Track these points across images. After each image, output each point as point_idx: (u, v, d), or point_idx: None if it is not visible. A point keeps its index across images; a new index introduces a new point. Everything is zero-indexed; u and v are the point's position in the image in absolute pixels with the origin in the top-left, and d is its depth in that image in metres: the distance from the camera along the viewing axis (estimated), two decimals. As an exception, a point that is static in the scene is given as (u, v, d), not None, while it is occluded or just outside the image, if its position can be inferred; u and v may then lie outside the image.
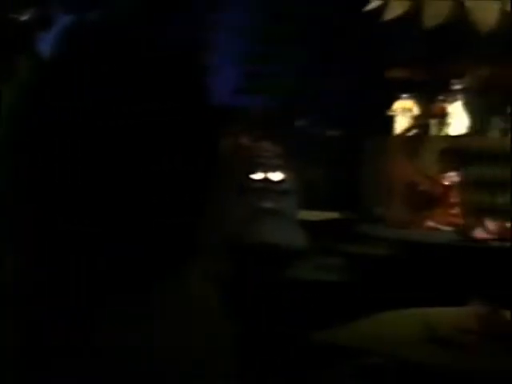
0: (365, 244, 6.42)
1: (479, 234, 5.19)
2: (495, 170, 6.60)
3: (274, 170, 5.30)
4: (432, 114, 6.99)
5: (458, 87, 7.02)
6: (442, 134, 7.00)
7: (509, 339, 3.34)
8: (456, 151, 6.35)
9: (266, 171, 5.27)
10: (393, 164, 7.00)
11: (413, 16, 7.56)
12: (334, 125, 8.97)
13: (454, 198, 6.22)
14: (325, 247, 6.00)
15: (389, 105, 7.55)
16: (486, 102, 7.14)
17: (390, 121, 7.70)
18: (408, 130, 7.05)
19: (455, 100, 6.99)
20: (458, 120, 6.98)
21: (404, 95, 7.32)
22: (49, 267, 0.90)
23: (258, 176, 5.26)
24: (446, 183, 6.19)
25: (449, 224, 6.08)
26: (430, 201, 6.13)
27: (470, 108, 6.98)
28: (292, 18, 9.40)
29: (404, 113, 7.28)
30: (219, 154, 1.12)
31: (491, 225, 5.30)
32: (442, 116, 6.97)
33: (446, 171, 6.24)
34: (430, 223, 6.12)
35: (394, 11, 7.74)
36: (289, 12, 9.42)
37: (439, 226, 6.08)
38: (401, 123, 7.36)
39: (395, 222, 6.63)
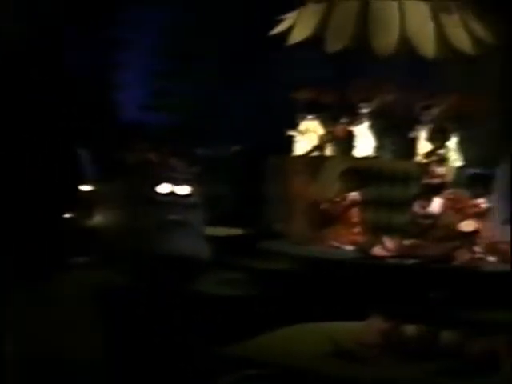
0: (267, 259, 6.57)
1: (378, 251, 5.36)
2: (393, 190, 6.86)
3: (180, 183, 5.38)
4: (335, 135, 7.17)
5: (364, 111, 7.24)
6: (346, 155, 7.19)
7: (410, 352, 3.49)
8: (356, 172, 6.53)
9: (173, 185, 5.34)
10: (295, 183, 7.16)
11: (317, 40, 7.86)
12: (237, 142, 9.13)
13: (354, 217, 6.39)
14: (228, 262, 6.11)
15: (293, 125, 7.77)
16: (387, 125, 7.39)
17: (292, 140, 7.91)
18: (312, 150, 7.22)
19: (361, 123, 7.20)
20: (362, 142, 7.18)
21: (309, 116, 7.48)
22: None
23: (165, 189, 5.32)
24: (347, 203, 6.35)
25: (350, 242, 6.22)
26: (331, 220, 6.29)
27: (374, 131, 7.21)
28: (198, 37, 9.51)
29: (308, 133, 7.45)
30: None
31: (389, 242, 5.49)
32: (346, 138, 7.17)
33: (347, 191, 6.41)
34: (332, 241, 6.27)
35: (299, 35, 7.99)
36: (194, 32, 9.53)
37: (340, 245, 6.23)
38: (305, 143, 7.53)
39: (298, 238, 6.80)
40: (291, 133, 7.73)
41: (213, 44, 9.42)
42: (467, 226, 5.59)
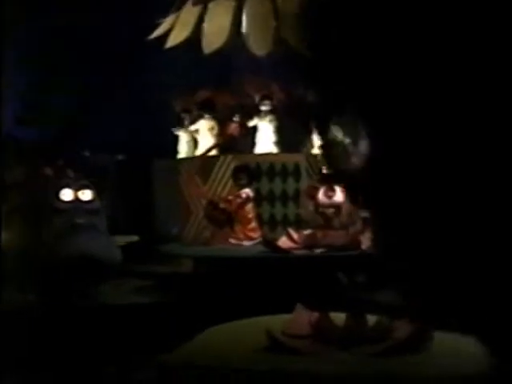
0: (170, 264, 6.52)
1: (285, 243, 5.38)
2: (285, 183, 6.95)
3: (82, 189, 5.27)
4: (229, 133, 7.18)
5: (264, 108, 7.29)
6: (242, 153, 7.26)
7: (340, 340, 3.50)
8: (245, 168, 6.57)
9: (75, 190, 5.23)
10: (188, 184, 7.13)
11: (194, 43, 7.84)
12: (119, 150, 8.98)
13: (249, 213, 6.45)
14: (131, 270, 6.01)
15: (178, 125, 7.73)
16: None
17: (176, 141, 7.88)
18: (208, 149, 7.21)
19: (262, 119, 7.27)
20: (263, 138, 7.28)
21: (207, 115, 7.45)
22: None
23: (68, 196, 5.20)
24: (241, 200, 6.38)
25: (247, 238, 6.33)
26: (228, 218, 6.29)
27: (274, 127, 7.31)
28: (69, 49, 9.31)
29: (206, 132, 7.43)
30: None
31: (294, 234, 5.52)
32: (240, 135, 7.20)
33: (240, 188, 6.44)
34: (232, 240, 6.31)
35: (176, 38, 7.95)
36: (67, 43, 9.32)
37: (240, 242, 6.29)
38: (203, 142, 7.54)
39: (196, 240, 6.79)
40: (178, 132, 7.70)
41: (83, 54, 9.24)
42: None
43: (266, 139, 7.27)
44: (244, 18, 7.73)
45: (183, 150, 7.75)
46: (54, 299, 4.92)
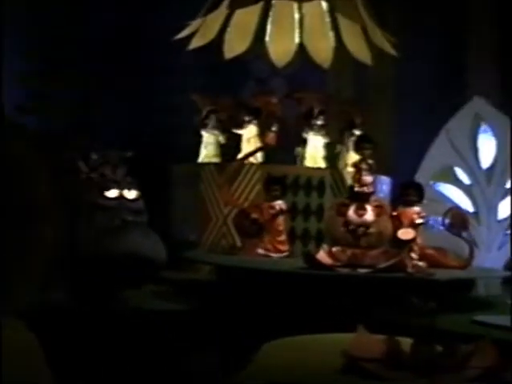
0: (195, 271, 6.38)
1: (324, 259, 5.26)
2: (310, 198, 6.86)
3: (128, 187, 5.14)
4: (267, 142, 7.07)
5: (320, 122, 7.20)
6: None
7: (416, 368, 3.38)
8: (279, 180, 6.46)
9: (121, 188, 5.09)
10: (209, 190, 7.01)
11: (215, 47, 7.76)
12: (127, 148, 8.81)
13: (280, 225, 6.32)
14: (154, 275, 5.86)
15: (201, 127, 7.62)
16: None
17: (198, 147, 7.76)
18: (246, 156, 7.08)
19: (316, 133, 7.18)
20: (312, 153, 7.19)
21: (254, 121, 7.32)
22: None
23: (113, 194, 5.05)
24: (274, 211, 6.27)
25: (276, 251, 6.21)
26: (259, 229, 6.18)
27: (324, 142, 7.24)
28: (75, 41, 9.14)
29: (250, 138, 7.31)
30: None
31: (334, 250, 5.40)
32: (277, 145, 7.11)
33: (272, 200, 6.32)
34: (260, 250, 6.18)
35: (200, 41, 7.86)
36: (72, 35, 9.15)
37: (268, 253, 6.18)
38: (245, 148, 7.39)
39: (216, 248, 6.66)
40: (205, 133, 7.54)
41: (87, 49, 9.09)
42: (406, 234, 5.61)
43: (316, 153, 7.19)
44: (268, 25, 7.69)
45: (207, 154, 7.61)
46: (89, 299, 4.74)
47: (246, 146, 7.24)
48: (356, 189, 6.11)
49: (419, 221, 5.80)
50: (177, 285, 5.81)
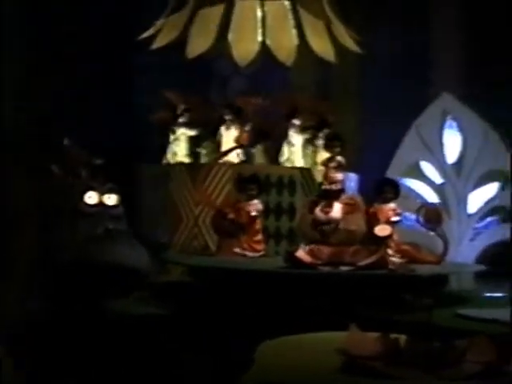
0: (167, 272, 6.33)
1: (305, 257, 5.25)
2: (282, 197, 6.88)
3: (109, 192, 5.06)
4: (241, 141, 7.04)
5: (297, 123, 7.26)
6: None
7: (410, 364, 3.40)
8: (255, 180, 6.45)
9: (101, 194, 5.02)
10: (180, 190, 6.97)
11: (179, 46, 7.73)
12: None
13: (257, 224, 6.31)
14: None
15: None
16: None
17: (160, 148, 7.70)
18: (221, 155, 7.05)
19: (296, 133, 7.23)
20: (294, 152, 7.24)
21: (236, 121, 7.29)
22: None
23: (93, 200, 4.98)
24: (251, 211, 6.26)
25: (252, 250, 6.21)
26: (237, 229, 6.17)
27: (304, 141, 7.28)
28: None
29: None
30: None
31: (314, 249, 5.39)
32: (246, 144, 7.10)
33: (248, 199, 6.31)
34: (237, 249, 6.16)
35: (163, 40, 7.83)
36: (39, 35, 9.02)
37: (244, 253, 6.16)
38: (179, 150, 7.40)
39: (187, 248, 6.64)
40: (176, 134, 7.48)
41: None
42: (382, 230, 5.64)
43: (296, 153, 7.24)
44: (231, 24, 7.67)
45: (177, 153, 7.53)
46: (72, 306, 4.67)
47: (225, 146, 7.22)
48: (324, 186, 6.15)
49: (395, 218, 5.85)
50: (156, 288, 5.75)
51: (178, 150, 7.38)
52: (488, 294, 6.13)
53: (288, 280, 5.07)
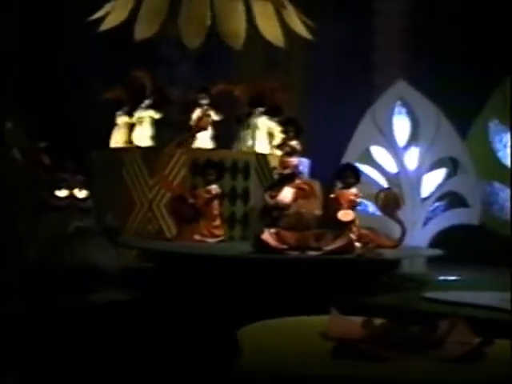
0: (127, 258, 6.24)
1: (273, 243, 5.23)
2: (236, 182, 6.86)
3: (79, 186, 4.93)
4: (201, 126, 6.97)
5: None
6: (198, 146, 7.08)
7: (398, 347, 3.44)
8: (214, 165, 6.42)
9: (71, 187, 4.88)
10: (133, 175, 6.88)
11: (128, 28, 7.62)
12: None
13: (215, 210, 6.29)
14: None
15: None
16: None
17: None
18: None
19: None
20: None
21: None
22: None
23: (64, 193, 4.84)
24: (209, 196, 6.23)
25: (212, 236, 6.19)
26: (196, 214, 6.12)
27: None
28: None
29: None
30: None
31: (283, 234, 5.38)
32: (205, 129, 7.03)
33: (208, 184, 6.28)
34: (196, 236, 6.13)
35: (111, 22, 7.71)
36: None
37: (204, 239, 6.13)
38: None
39: (141, 233, 6.58)
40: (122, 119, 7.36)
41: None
42: (346, 215, 5.69)
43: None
44: (181, 8, 7.60)
45: (121, 139, 7.44)
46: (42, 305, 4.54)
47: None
48: (275, 171, 6.20)
49: (356, 203, 5.91)
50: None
51: (141, 133, 7.27)
52: (441, 278, 6.26)
53: (258, 265, 5.06)
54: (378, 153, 7.41)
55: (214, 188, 6.30)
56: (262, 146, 7.26)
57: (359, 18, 8.57)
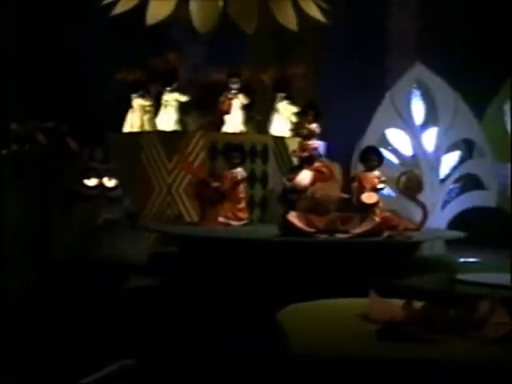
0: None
1: (302, 226, 5.25)
2: (255, 165, 6.87)
3: (108, 174, 4.91)
4: (224, 109, 6.98)
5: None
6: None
7: (446, 328, 3.47)
8: (238, 148, 6.44)
9: (100, 176, 4.86)
10: (151, 159, 6.88)
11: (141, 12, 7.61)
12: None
13: (240, 193, 6.31)
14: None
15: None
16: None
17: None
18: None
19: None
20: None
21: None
22: None
23: (93, 182, 4.83)
24: (235, 179, 6.26)
25: (236, 218, 6.22)
26: (221, 197, 6.14)
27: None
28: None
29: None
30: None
31: (310, 218, 5.40)
32: (227, 113, 7.04)
33: (233, 167, 6.30)
34: (220, 218, 6.15)
35: (123, 6, 7.71)
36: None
37: (228, 221, 6.16)
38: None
39: (161, 217, 6.60)
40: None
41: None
42: (369, 198, 5.72)
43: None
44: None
45: (137, 123, 7.42)
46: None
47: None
48: (294, 154, 6.22)
49: (380, 185, 5.93)
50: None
51: (166, 116, 7.24)
52: (462, 260, 6.30)
53: (287, 248, 5.10)
54: (396, 135, 7.42)
55: (240, 171, 6.34)
56: (282, 130, 7.27)
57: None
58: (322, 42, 8.70)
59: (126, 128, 7.54)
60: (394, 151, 7.37)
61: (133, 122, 7.47)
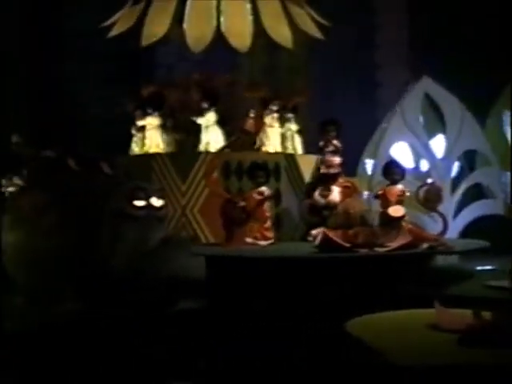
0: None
1: (342, 242, 5.30)
2: (273, 183, 6.88)
3: (156, 194, 4.92)
4: (247, 129, 7.01)
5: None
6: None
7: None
8: (264, 166, 6.49)
9: (148, 196, 4.87)
10: (163, 181, 6.88)
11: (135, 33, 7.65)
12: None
13: (266, 212, 6.34)
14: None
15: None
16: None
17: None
18: (227, 145, 7.00)
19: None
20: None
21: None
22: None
23: (141, 202, 4.83)
24: (260, 198, 6.29)
25: (264, 238, 6.23)
26: (247, 217, 6.16)
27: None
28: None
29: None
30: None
31: (342, 233, 5.45)
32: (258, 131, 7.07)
33: (258, 186, 6.34)
34: (248, 239, 6.17)
35: (119, 28, 7.74)
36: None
37: (256, 241, 6.18)
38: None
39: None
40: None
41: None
42: (396, 211, 5.77)
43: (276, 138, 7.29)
44: (186, 11, 7.62)
45: (151, 144, 7.45)
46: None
47: (205, 135, 7.19)
48: (322, 170, 6.30)
49: (404, 198, 6.02)
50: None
51: (205, 138, 7.24)
52: (479, 268, 6.41)
53: (329, 264, 5.15)
54: (407, 148, 7.55)
55: (266, 190, 6.36)
56: (277, 145, 7.37)
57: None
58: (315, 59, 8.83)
59: (136, 148, 7.54)
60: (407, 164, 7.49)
61: (148, 142, 7.48)
